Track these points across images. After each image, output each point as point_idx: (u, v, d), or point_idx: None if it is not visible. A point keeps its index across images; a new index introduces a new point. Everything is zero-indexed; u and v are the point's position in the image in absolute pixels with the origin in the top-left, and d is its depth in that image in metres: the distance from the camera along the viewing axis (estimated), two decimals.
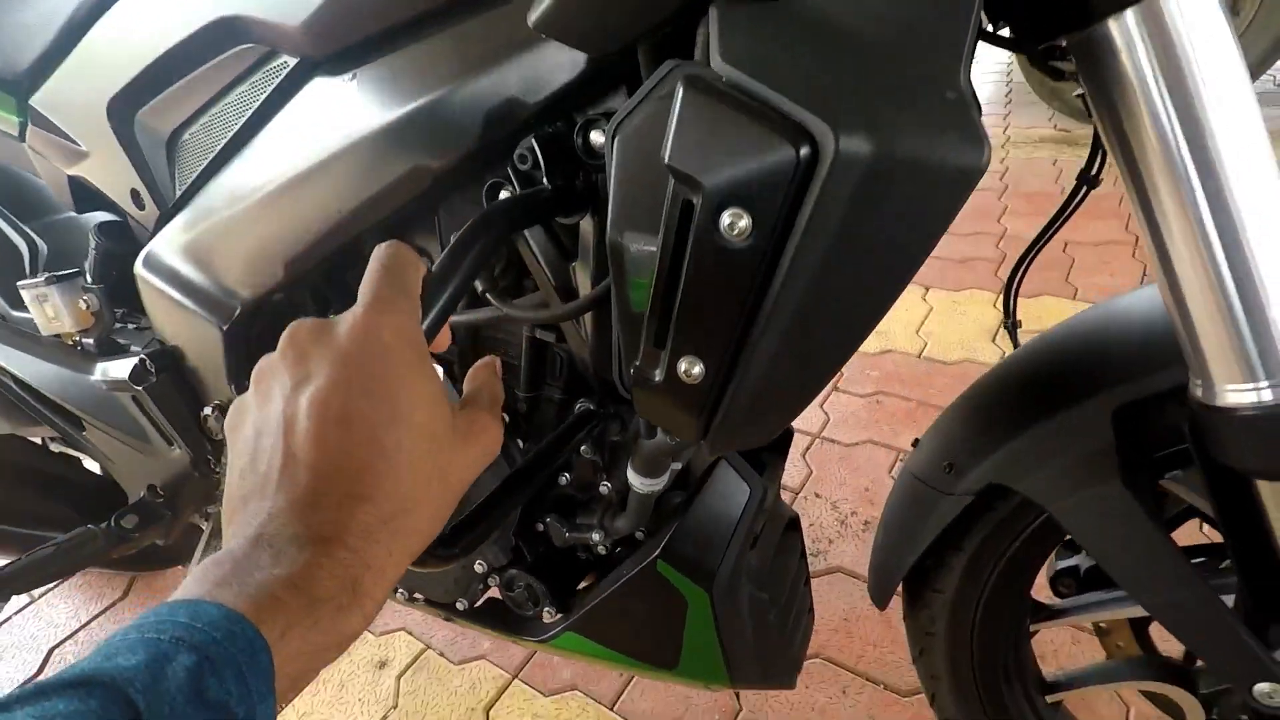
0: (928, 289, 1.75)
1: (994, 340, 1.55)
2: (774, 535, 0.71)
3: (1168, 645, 0.61)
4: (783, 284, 0.36)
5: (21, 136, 0.75)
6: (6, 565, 0.71)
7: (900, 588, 0.67)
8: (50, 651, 1.17)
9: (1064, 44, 0.39)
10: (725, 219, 0.35)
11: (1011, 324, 0.66)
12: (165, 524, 0.77)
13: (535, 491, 0.56)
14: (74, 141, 0.70)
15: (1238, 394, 0.38)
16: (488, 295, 0.55)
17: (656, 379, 0.42)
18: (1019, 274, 0.63)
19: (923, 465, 0.61)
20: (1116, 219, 1.96)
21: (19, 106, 0.71)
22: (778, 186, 0.34)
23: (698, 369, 0.40)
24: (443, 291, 0.40)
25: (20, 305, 0.87)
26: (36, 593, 1.29)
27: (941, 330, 1.60)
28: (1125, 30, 0.34)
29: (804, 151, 0.33)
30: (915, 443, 0.65)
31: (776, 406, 0.43)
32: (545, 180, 0.47)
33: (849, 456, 1.28)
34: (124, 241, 0.81)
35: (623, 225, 0.40)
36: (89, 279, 0.79)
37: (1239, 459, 0.39)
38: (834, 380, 1.45)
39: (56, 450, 0.99)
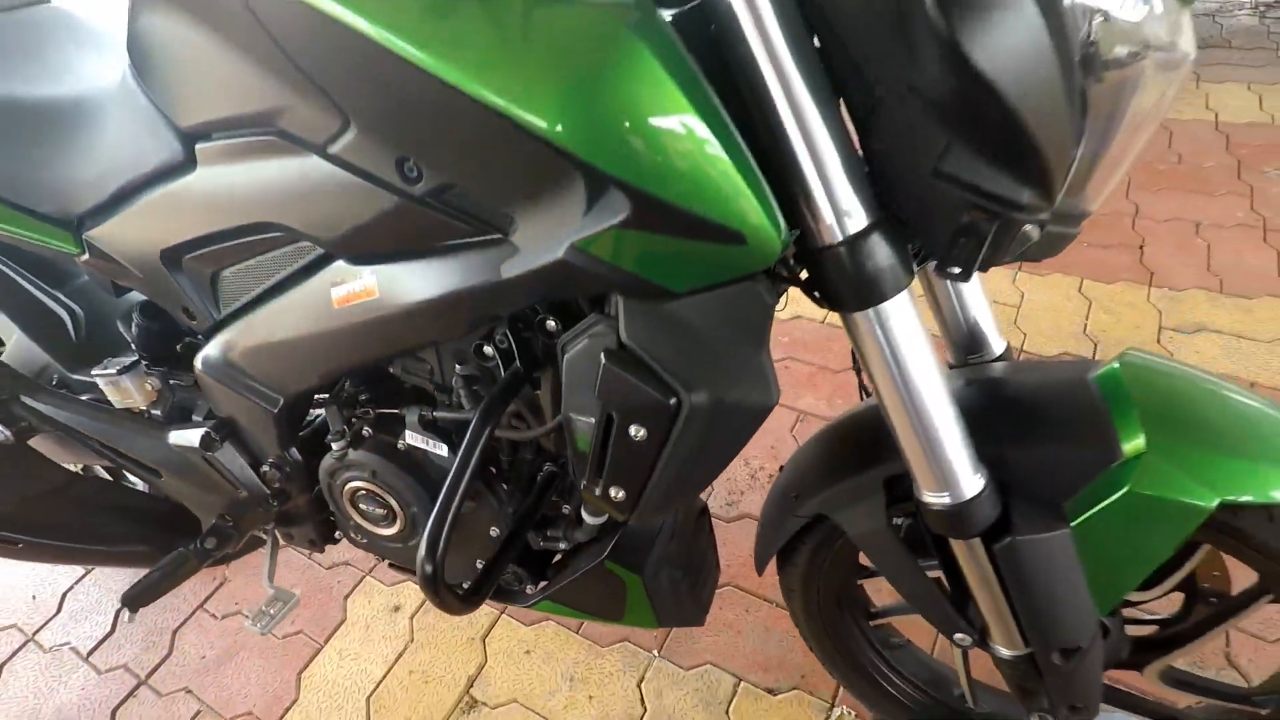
0: None
1: None
2: (688, 526, 1.00)
3: None
4: (666, 459, 0.63)
5: (78, 256, 0.91)
6: (131, 587, 0.96)
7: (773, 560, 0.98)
8: (116, 614, 1.44)
9: None
10: (631, 429, 0.61)
11: (859, 373, 0.93)
12: (235, 540, 1.02)
13: (523, 541, 0.84)
14: (129, 269, 0.88)
15: (930, 497, 0.66)
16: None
17: (596, 493, 0.69)
18: None
19: (781, 488, 0.89)
20: None
21: (76, 240, 0.88)
22: (661, 419, 0.60)
23: (621, 495, 0.67)
24: (465, 469, 0.66)
25: (76, 367, 1.07)
26: None
27: None
28: (866, 316, 0.59)
29: (673, 401, 0.59)
30: (781, 469, 0.93)
31: (671, 504, 0.71)
32: (517, 359, 0.71)
33: None
34: (163, 319, 1.01)
35: (571, 408, 0.66)
36: (142, 357, 0.99)
37: (935, 528, 0.68)
38: None
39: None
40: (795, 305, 1.86)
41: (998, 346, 0.83)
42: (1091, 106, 0.50)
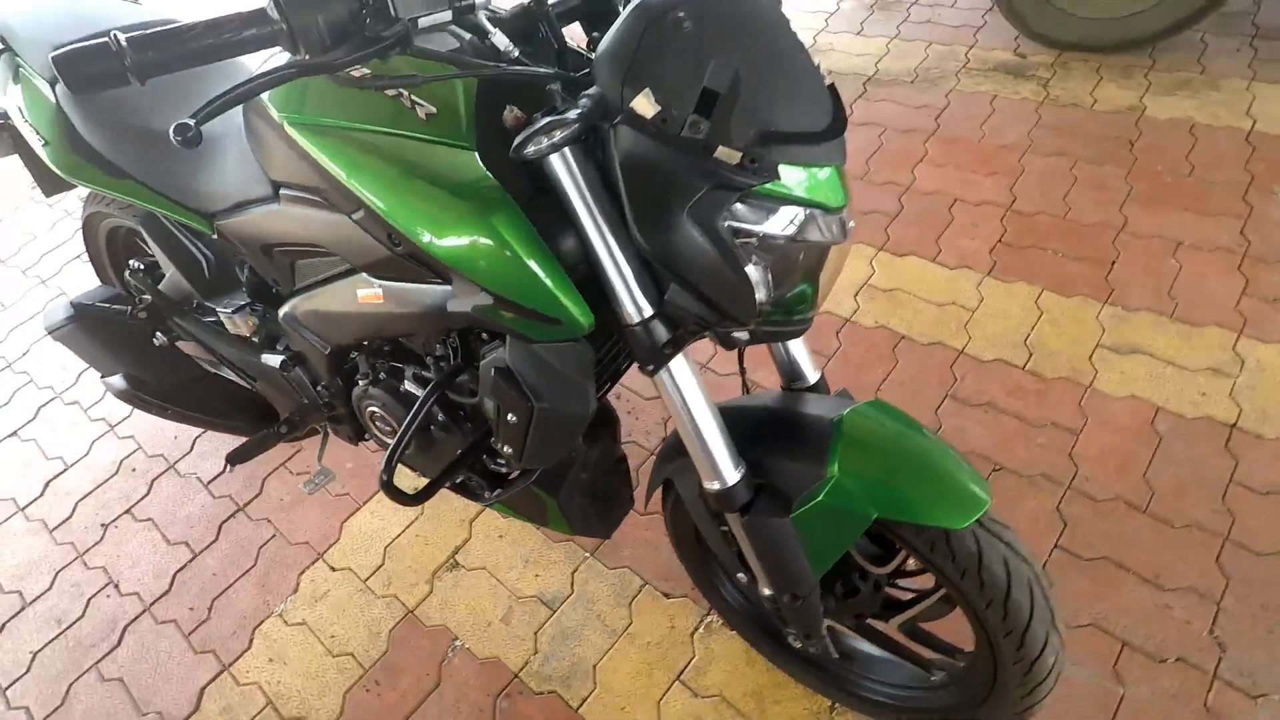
0: None
1: (855, 297, 2.08)
2: (602, 468, 1.37)
3: None
4: (529, 437, 1.00)
5: (211, 235, 1.33)
6: (233, 451, 1.44)
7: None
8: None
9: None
10: (509, 416, 1.00)
11: (742, 375, 1.25)
12: (300, 429, 1.49)
13: (466, 466, 1.24)
14: (241, 250, 1.29)
15: (705, 482, 1.00)
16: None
17: (498, 447, 1.08)
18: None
19: (656, 457, 1.25)
20: (1005, 176, 2.32)
21: (210, 226, 1.30)
22: (524, 414, 0.98)
23: (509, 450, 1.06)
24: (411, 426, 1.05)
25: (208, 296, 1.51)
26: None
27: None
28: (662, 374, 0.93)
29: (529, 405, 0.96)
30: (661, 442, 1.28)
31: (542, 461, 1.08)
32: (461, 354, 1.09)
33: None
34: (262, 276, 1.43)
35: (482, 394, 1.04)
36: (250, 295, 1.43)
37: (711, 504, 1.03)
38: None
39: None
40: None
41: (812, 377, 1.13)
42: (771, 271, 0.80)
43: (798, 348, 1.12)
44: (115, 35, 0.62)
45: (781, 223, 0.78)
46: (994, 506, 1.58)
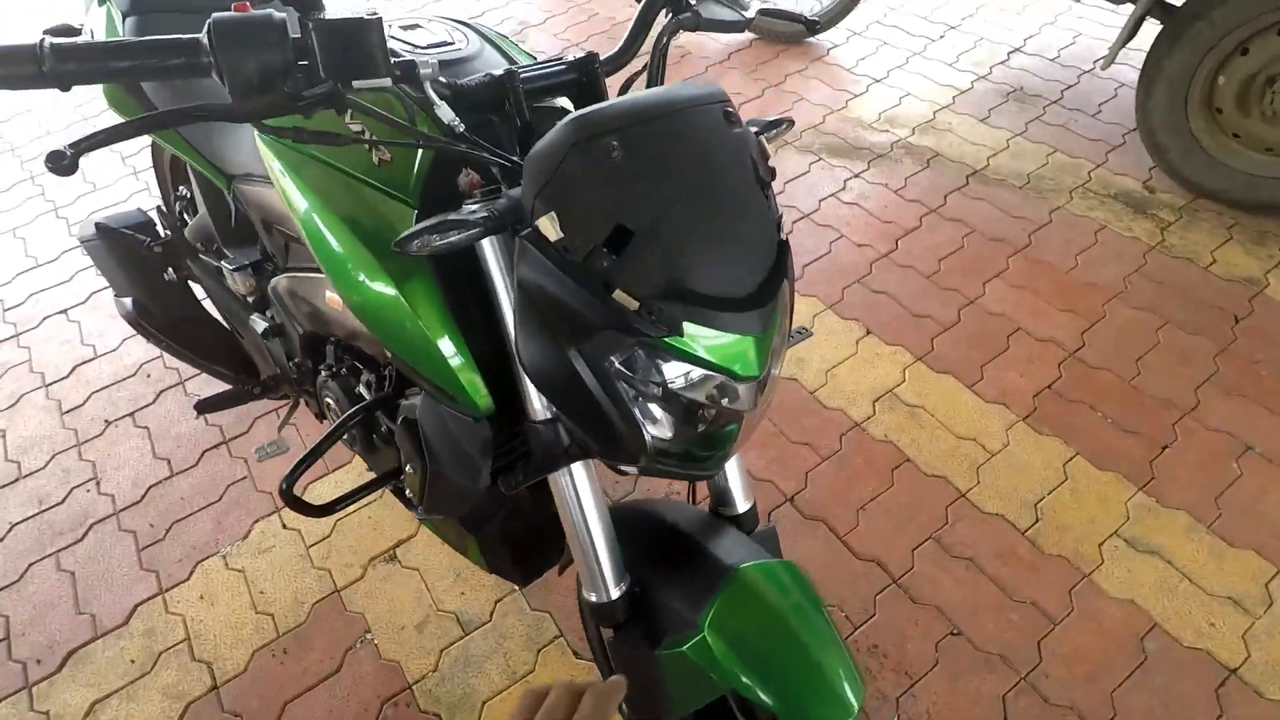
0: (868, 332, 2.12)
1: (874, 403, 1.96)
2: (540, 518, 1.35)
3: None
4: (426, 490, 0.99)
5: (229, 194, 1.39)
6: (204, 400, 1.50)
7: None
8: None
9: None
10: (408, 466, 0.98)
11: (691, 490, 1.20)
12: (273, 392, 1.53)
13: (383, 487, 1.25)
14: (251, 216, 1.34)
15: (584, 590, 0.97)
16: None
17: (404, 490, 1.07)
18: None
19: None
20: (1082, 318, 2.14)
21: (229, 186, 1.35)
22: (420, 469, 0.98)
23: (411, 494, 1.05)
24: (328, 443, 1.06)
25: (228, 243, 1.58)
26: None
27: (846, 376, 2.01)
28: (562, 472, 0.89)
29: (426, 464, 0.95)
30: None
31: (439, 512, 1.07)
32: (393, 387, 1.09)
33: None
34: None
35: (396, 437, 1.03)
36: (261, 254, 1.48)
37: (591, 617, 0.99)
38: None
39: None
40: (797, 365, 2.04)
41: (741, 506, 1.06)
42: (669, 418, 0.75)
43: (732, 471, 1.06)
44: (43, 40, 0.62)
45: (677, 380, 0.72)
46: (935, 673, 1.47)
